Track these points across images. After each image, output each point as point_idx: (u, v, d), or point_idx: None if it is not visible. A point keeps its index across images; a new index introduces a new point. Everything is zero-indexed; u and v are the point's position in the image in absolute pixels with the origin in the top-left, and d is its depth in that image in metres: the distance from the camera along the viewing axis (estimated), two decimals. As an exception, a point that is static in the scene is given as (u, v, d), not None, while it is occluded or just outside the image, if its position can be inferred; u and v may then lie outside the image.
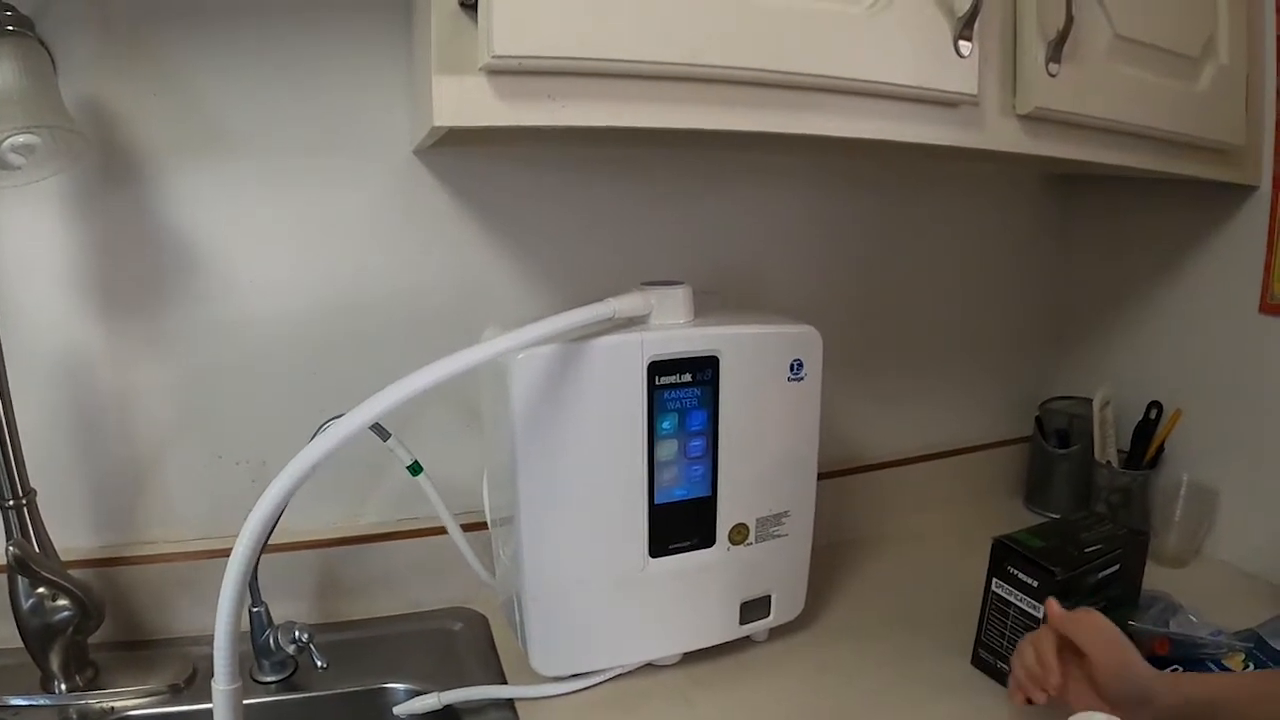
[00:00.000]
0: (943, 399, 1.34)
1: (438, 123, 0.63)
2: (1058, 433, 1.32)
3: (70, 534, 0.88)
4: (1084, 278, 1.37)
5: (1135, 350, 1.30)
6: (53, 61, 0.79)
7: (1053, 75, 0.81)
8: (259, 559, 0.84)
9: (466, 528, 0.95)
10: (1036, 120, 0.84)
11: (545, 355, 0.75)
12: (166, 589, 0.92)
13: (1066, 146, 0.88)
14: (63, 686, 0.82)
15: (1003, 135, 0.83)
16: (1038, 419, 1.35)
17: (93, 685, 0.83)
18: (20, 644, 0.80)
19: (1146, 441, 1.21)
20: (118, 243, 0.86)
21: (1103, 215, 1.33)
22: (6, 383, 0.77)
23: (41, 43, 0.76)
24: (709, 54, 0.66)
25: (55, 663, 0.81)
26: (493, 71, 0.62)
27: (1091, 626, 0.73)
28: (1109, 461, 1.24)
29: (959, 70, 0.77)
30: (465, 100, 0.63)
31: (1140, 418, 1.22)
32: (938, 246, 1.27)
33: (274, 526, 0.82)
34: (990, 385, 1.39)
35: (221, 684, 0.63)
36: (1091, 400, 1.24)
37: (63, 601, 0.79)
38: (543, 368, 0.75)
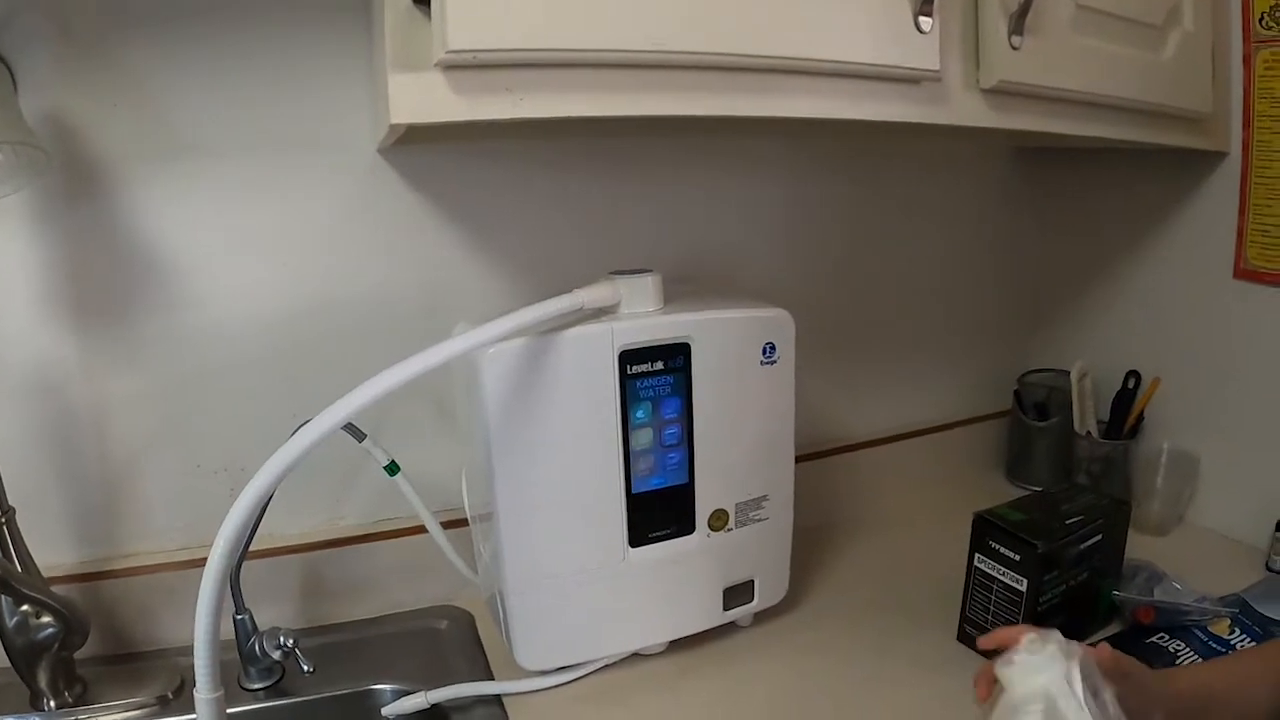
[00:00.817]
0: (920, 376, 1.35)
1: (395, 120, 0.63)
2: (1036, 405, 1.32)
3: (52, 550, 0.88)
4: (1058, 250, 1.37)
5: (1111, 320, 1.30)
6: (12, 77, 0.78)
7: (1015, 48, 0.81)
8: (240, 566, 0.84)
9: (448, 525, 0.94)
10: (1001, 94, 0.84)
11: (515, 349, 0.75)
12: (151, 600, 0.91)
13: (1032, 119, 0.87)
14: (52, 704, 0.81)
15: (967, 110, 0.83)
16: (1016, 393, 1.35)
17: (82, 701, 0.83)
18: (7, 663, 0.80)
19: (1126, 411, 1.22)
20: (85, 255, 0.85)
21: (1074, 187, 1.33)
22: (-21, 400, 0.77)
23: (1, 58, 0.76)
24: (667, 40, 0.65)
25: (43, 680, 0.81)
26: (448, 66, 0.61)
27: None
28: (1089, 432, 1.24)
29: (920, 46, 0.76)
30: (422, 96, 0.62)
31: (1119, 387, 1.23)
32: (910, 224, 1.27)
33: (254, 532, 0.83)
34: (967, 360, 1.39)
35: (204, 693, 0.63)
36: (1069, 372, 1.25)
37: (47, 619, 0.79)
38: (513, 362, 0.75)
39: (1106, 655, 0.65)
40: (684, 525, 0.87)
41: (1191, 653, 0.87)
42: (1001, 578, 0.87)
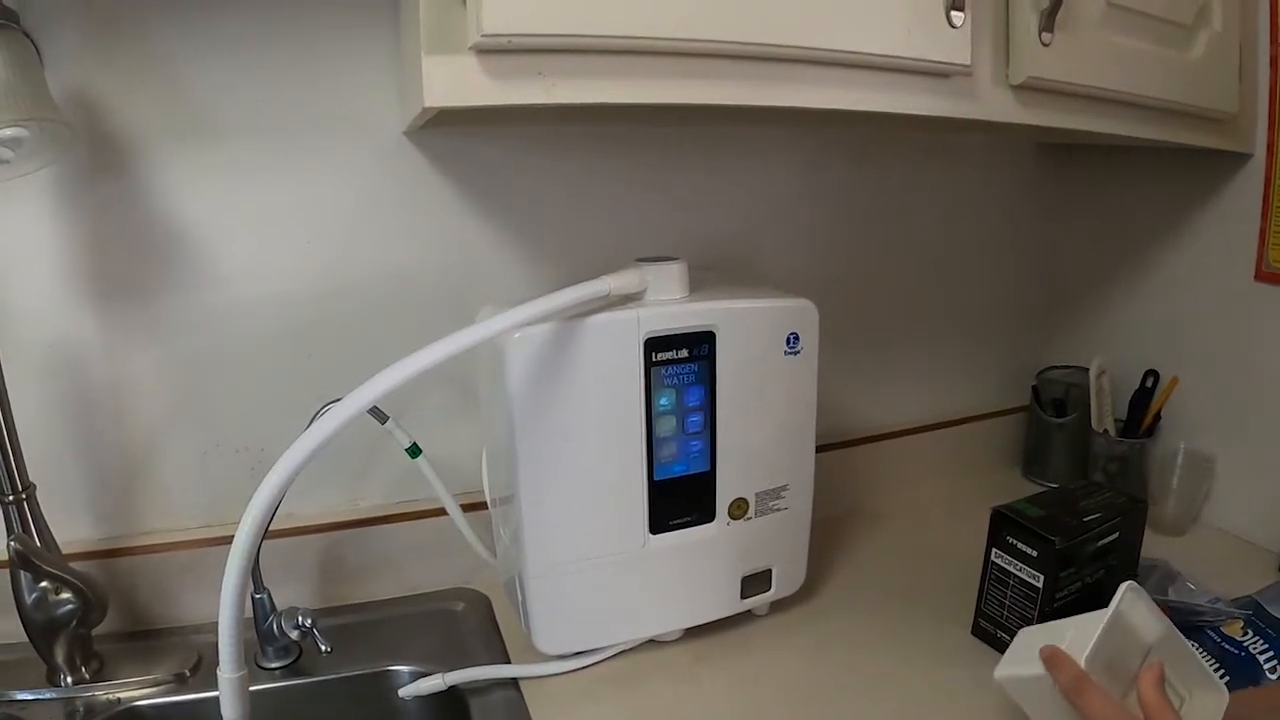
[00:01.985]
0: (939, 370, 1.35)
1: (428, 103, 0.63)
2: (1054, 402, 1.32)
3: (71, 527, 0.88)
4: (1079, 246, 1.37)
5: (1131, 319, 1.29)
6: (38, 53, 0.78)
7: (1046, 45, 0.80)
8: (260, 545, 0.84)
9: (467, 508, 0.95)
10: (1030, 90, 0.83)
11: (541, 334, 0.75)
12: (169, 578, 0.92)
13: (1060, 116, 0.87)
14: (69, 679, 0.82)
15: (996, 106, 0.83)
16: (1034, 388, 1.35)
17: (99, 677, 0.83)
18: (25, 638, 0.80)
19: (1143, 410, 1.21)
20: (109, 233, 0.86)
21: (1097, 184, 1.32)
22: (3, 377, 0.76)
23: (27, 35, 0.76)
24: (699, 27, 0.65)
25: (60, 656, 0.81)
26: (482, 50, 0.61)
27: None
28: (1106, 430, 1.24)
29: (951, 40, 0.76)
30: (455, 80, 0.62)
31: (1137, 386, 1.22)
32: (932, 217, 1.26)
33: (274, 512, 0.83)
34: (986, 355, 1.39)
35: (228, 672, 0.62)
36: (1088, 369, 1.24)
37: (66, 595, 0.79)
38: (538, 347, 0.75)
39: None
40: (704, 513, 0.87)
41: (1205, 654, 0.87)
42: (1018, 573, 0.87)
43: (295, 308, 0.93)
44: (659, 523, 0.85)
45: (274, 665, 0.87)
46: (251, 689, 0.83)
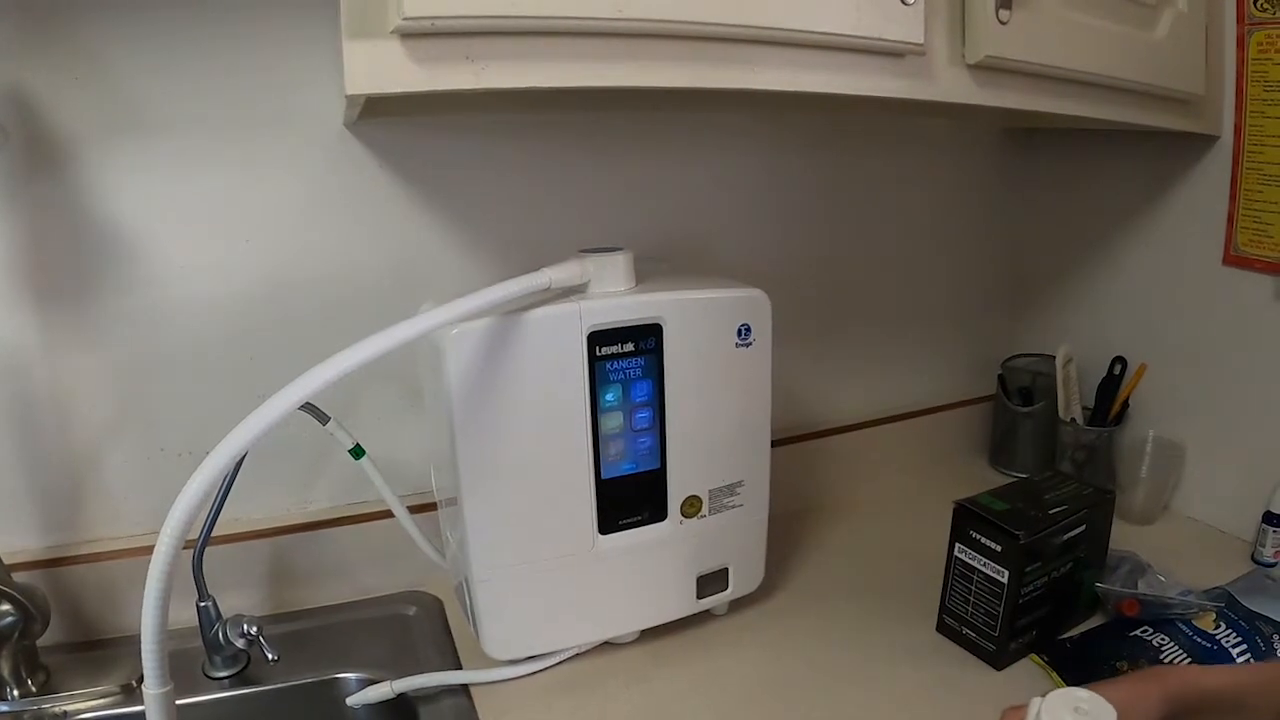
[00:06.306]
0: (902, 359, 1.33)
1: (350, 91, 0.60)
2: (1020, 391, 1.31)
3: (13, 536, 0.87)
4: (1044, 233, 1.35)
5: (1098, 305, 1.28)
6: (-36, 52, 0.76)
7: (1003, 23, 0.78)
8: (203, 551, 0.82)
9: (417, 509, 0.93)
10: (987, 70, 0.81)
11: (480, 330, 0.73)
12: (115, 586, 0.90)
13: (1019, 97, 0.85)
14: (15, 693, 0.80)
15: (952, 86, 0.81)
16: (1000, 377, 1.33)
17: (46, 690, 0.82)
18: (-31, 652, 0.78)
19: (1111, 398, 1.20)
20: (44, 234, 0.83)
21: (1062, 169, 1.31)
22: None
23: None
24: (636, 6, 0.63)
25: (6, 669, 0.80)
26: (405, 34, 0.59)
27: None
28: (1073, 419, 1.23)
29: (904, 19, 0.74)
30: (378, 65, 0.60)
31: (1104, 374, 1.21)
32: (893, 204, 1.25)
33: (216, 517, 0.81)
34: (951, 344, 1.37)
35: (152, 687, 0.60)
36: (1054, 357, 1.23)
37: (5, 607, 0.77)
38: (478, 343, 0.73)
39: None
40: (656, 512, 0.85)
41: (1176, 648, 0.85)
42: (982, 568, 0.85)
43: (238, 307, 0.91)
44: (608, 523, 0.83)
45: (221, 675, 0.86)
46: (198, 699, 0.83)
